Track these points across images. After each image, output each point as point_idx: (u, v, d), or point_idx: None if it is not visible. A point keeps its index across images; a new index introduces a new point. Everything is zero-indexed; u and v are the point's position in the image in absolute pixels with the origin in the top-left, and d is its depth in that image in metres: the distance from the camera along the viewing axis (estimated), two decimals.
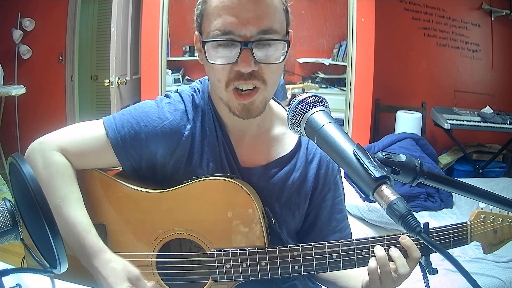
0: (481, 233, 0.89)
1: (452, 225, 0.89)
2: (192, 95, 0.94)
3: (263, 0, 0.78)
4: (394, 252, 0.83)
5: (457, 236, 0.88)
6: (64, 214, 0.85)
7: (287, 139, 0.97)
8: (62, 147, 0.89)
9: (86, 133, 0.91)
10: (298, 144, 0.97)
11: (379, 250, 0.83)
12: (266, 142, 0.96)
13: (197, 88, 0.95)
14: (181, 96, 0.94)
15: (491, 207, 0.89)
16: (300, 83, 3.48)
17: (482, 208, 0.90)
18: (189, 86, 0.97)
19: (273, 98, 0.99)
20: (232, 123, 0.93)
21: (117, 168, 0.96)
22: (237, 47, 0.79)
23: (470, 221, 0.89)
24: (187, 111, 0.92)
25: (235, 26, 0.78)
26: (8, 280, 0.72)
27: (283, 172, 0.94)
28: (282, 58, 0.82)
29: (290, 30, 0.87)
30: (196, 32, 0.87)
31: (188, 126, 0.91)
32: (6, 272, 0.72)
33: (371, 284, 0.83)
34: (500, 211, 0.89)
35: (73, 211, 0.86)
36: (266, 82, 0.83)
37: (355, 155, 0.58)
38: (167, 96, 0.95)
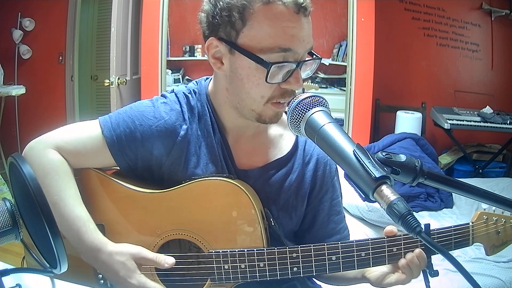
0: (483, 235, 0.88)
1: (454, 226, 0.88)
2: (187, 96, 0.93)
3: (309, 16, 0.78)
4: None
5: (459, 237, 0.88)
6: (61, 210, 0.84)
7: (284, 141, 0.96)
8: (58, 145, 0.89)
9: (82, 132, 0.91)
10: (295, 146, 0.96)
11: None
12: (263, 144, 0.95)
13: (193, 90, 0.94)
14: (176, 97, 0.93)
15: (493, 208, 0.88)
16: None
17: (484, 209, 0.89)
18: (185, 86, 0.96)
19: None
20: (233, 124, 0.92)
21: (114, 168, 0.95)
22: (289, 66, 0.78)
23: (472, 222, 0.89)
24: (183, 111, 0.91)
25: (295, 44, 0.76)
26: (8, 280, 0.72)
27: (280, 174, 0.94)
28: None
29: None
30: (227, 29, 0.79)
31: (184, 126, 0.90)
32: (6, 272, 0.72)
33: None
34: (503, 212, 0.88)
35: (70, 206, 0.85)
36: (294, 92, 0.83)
37: (355, 155, 0.58)
38: (163, 96, 0.95)
